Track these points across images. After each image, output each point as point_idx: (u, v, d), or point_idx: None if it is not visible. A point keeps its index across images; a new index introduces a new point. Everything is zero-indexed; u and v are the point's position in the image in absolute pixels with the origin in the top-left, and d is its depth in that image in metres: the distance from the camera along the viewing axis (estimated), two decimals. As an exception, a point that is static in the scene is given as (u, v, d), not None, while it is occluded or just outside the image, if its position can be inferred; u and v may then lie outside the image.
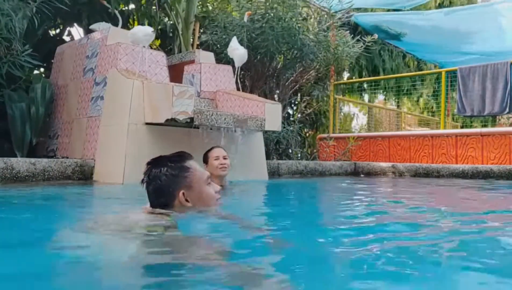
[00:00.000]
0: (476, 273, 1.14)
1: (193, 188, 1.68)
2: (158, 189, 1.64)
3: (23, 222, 1.84)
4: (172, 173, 1.65)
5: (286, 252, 1.37)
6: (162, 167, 1.65)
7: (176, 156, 1.71)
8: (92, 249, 1.29)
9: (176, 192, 1.64)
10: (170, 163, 1.67)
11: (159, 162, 1.68)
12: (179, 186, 1.65)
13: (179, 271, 1.11)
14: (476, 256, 1.33)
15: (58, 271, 1.13)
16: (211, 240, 1.48)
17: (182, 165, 1.68)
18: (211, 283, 1.00)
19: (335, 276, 1.15)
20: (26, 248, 1.33)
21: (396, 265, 1.20)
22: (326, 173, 6.07)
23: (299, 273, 1.15)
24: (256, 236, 1.61)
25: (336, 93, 8.20)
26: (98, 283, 1.05)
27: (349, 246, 1.50)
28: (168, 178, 1.64)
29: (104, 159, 3.98)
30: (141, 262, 1.19)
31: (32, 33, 4.97)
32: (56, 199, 2.86)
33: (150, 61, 4.50)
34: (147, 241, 1.38)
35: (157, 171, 1.65)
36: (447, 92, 7.38)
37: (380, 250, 1.38)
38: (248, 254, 1.31)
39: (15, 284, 0.98)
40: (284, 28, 5.87)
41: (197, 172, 1.71)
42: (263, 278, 1.03)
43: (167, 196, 1.64)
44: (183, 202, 1.65)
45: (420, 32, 8.72)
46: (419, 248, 1.44)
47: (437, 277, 1.13)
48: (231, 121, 3.98)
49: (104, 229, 1.49)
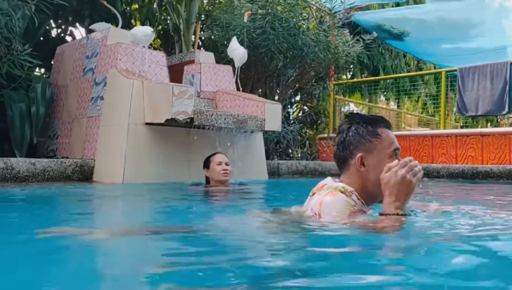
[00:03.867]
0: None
1: (373, 155, 1.61)
2: (342, 143, 1.66)
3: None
4: (359, 132, 1.63)
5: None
6: (354, 124, 1.66)
7: (372, 119, 1.68)
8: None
9: (356, 152, 1.62)
10: (363, 123, 1.65)
11: (353, 118, 1.69)
12: (360, 147, 1.62)
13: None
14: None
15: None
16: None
17: (373, 129, 1.63)
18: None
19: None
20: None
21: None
22: (326, 173, 6.07)
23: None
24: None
25: (336, 93, 8.20)
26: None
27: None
28: (354, 135, 1.63)
29: (104, 159, 3.98)
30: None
31: (32, 33, 4.97)
32: (60, 198, 2.86)
33: (150, 61, 4.50)
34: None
35: (348, 126, 1.67)
36: (447, 92, 7.37)
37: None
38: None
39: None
40: (284, 28, 5.88)
41: (384, 142, 1.62)
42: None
43: (347, 152, 1.64)
44: (358, 164, 1.61)
45: (421, 28, 8.68)
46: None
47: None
48: (231, 121, 3.98)
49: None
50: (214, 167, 3.37)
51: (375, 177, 1.56)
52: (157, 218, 2.16)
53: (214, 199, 3.00)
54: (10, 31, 4.19)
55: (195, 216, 2.22)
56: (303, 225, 1.55)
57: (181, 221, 1.98)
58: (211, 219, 2.03)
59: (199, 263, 1.12)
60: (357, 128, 1.64)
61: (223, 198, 3.09)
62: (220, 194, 3.21)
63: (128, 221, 2.03)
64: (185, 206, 2.60)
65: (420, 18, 8.44)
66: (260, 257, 1.19)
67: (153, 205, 2.65)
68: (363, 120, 1.66)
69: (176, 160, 4.08)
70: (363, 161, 1.61)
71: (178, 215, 2.19)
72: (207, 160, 3.44)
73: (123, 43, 4.29)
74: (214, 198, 3.08)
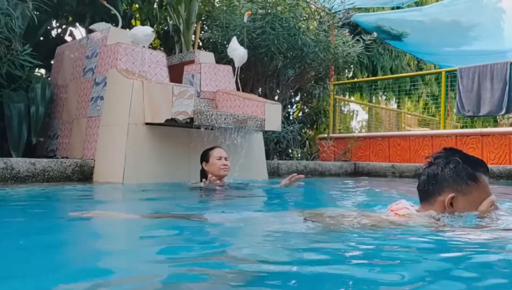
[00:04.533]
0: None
1: (465, 199, 1.52)
2: (434, 176, 1.56)
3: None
4: (457, 171, 1.53)
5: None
6: (453, 160, 1.56)
7: (473, 160, 1.58)
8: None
9: (448, 190, 1.53)
10: (463, 162, 1.54)
11: (454, 153, 1.59)
12: (454, 187, 1.53)
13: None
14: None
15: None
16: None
17: (473, 172, 1.54)
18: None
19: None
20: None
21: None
22: (326, 173, 6.07)
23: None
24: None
25: (336, 93, 8.20)
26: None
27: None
28: (451, 173, 1.54)
29: (104, 159, 3.98)
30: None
31: (32, 33, 4.97)
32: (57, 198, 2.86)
33: (150, 61, 4.50)
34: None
35: (446, 161, 1.57)
36: (447, 92, 7.37)
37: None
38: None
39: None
40: (284, 28, 5.88)
41: (481, 189, 1.53)
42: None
43: (437, 188, 1.55)
44: (447, 204, 1.53)
45: (421, 30, 8.70)
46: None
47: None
48: (231, 121, 3.98)
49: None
50: (214, 162, 3.33)
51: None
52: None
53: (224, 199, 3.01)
54: (10, 31, 4.19)
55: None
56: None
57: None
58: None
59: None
60: (456, 166, 1.54)
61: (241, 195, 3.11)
62: (238, 193, 3.24)
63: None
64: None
65: (420, 20, 8.45)
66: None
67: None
68: (463, 159, 1.56)
69: (176, 160, 4.08)
70: (453, 201, 1.52)
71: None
72: (206, 154, 3.39)
73: (123, 43, 4.28)
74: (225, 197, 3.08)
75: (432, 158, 1.61)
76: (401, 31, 8.61)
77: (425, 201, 1.60)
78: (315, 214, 1.75)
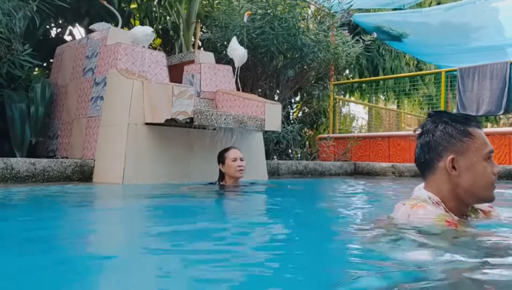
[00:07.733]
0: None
1: (466, 157, 1.44)
2: (427, 144, 1.50)
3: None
4: (448, 131, 1.47)
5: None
6: (441, 123, 1.49)
7: (461, 117, 1.51)
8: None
9: (445, 154, 1.46)
10: (451, 122, 1.48)
11: (439, 116, 1.52)
12: (450, 149, 1.45)
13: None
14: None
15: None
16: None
17: (465, 128, 1.46)
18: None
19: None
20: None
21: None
22: (326, 173, 6.07)
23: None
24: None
25: (336, 93, 8.21)
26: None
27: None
28: (442, 135, 1.47)
29: (104, 159, 3.98)
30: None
31: (32, 33, 4.97)
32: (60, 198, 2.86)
33: (150, 61, 4.50)
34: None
35: (434, 125, 1.50)
36: (447, 92, 7.37)
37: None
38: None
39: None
40: (284, 28, 5.88)
41: (478, 142, 1.44)
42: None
43: (434, 154, 1.48)
44: (448, 168, 1.44)
45: (421, 31, 8.71)
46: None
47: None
48: (231, 121, 3.97)
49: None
50: (230, 164, 3.34)
51: (468, 182, 1.43)
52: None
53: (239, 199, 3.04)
54: (11, 31, 4.19)
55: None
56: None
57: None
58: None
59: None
60: (445, 127, 1.48)
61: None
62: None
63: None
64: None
65: (419, 21, 8.46)
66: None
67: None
68: (451, 119, 1.50)
69: (176, 160, 4.08)
70: (454, 163, 1.45)
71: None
72: (222, 155, 3.41)
73: (123, 43, 4.29)
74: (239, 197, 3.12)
75: (420, 128, 1.56)
76: (400, 32, 8.62)
77: (427, 174, 1.53)
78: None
